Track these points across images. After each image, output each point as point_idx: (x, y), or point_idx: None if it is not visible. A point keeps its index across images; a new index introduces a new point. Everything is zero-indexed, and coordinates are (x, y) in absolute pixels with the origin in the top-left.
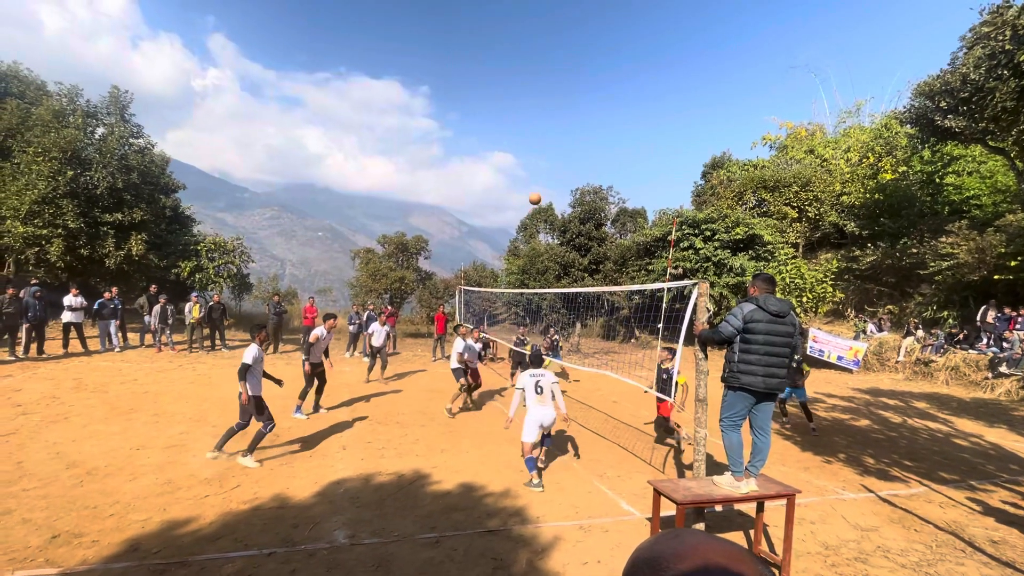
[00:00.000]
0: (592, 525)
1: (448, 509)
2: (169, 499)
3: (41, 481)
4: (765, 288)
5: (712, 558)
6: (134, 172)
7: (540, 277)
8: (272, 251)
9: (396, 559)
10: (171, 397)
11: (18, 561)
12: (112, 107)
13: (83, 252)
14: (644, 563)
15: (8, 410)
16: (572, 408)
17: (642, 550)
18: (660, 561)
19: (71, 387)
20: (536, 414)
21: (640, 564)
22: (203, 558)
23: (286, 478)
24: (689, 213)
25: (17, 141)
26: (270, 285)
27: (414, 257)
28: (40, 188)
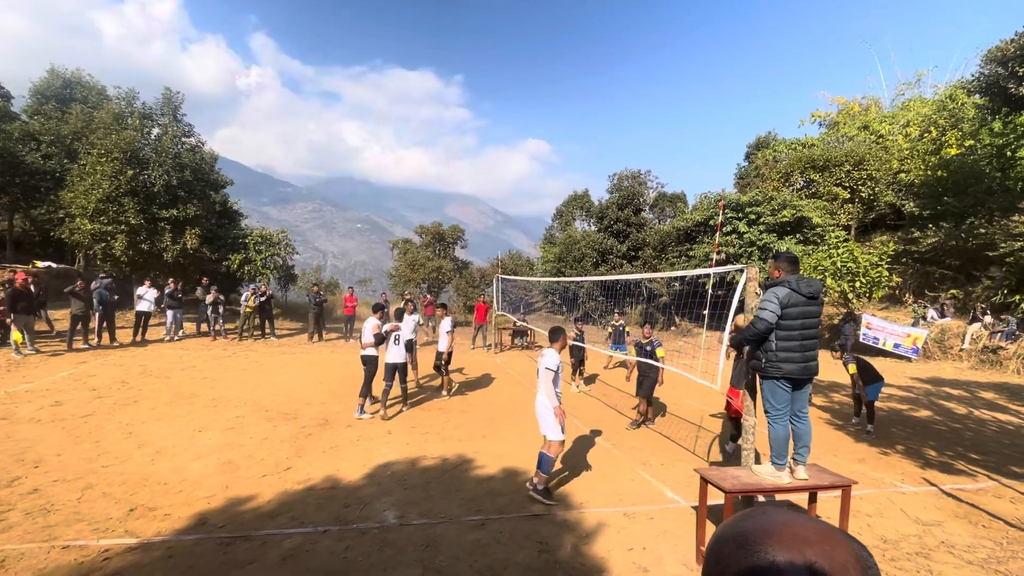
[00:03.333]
0: (636, 512)
1: (492, 493)
2: (230, 478)
3: (117, 459)
4: (791, 269)
5: (804, 536)
6: (187, 170)
7: (577, 265)
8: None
9: (444, 540)
10: (227, 383)
11: (101, 531)
12: (165, 108)
13: (144, 247)
14: (731, 539)
15: (85, 393)
16: (612, 396)
17: (728, 527)
18: (747, 537)
19: (139, 373)
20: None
21: (726, 540)
22: (264, 533)
23: (336, 460)
24: (732, 196)
25: (83, 143)
26: (313, 276)
27: (451, 247)
28: (104, 187)
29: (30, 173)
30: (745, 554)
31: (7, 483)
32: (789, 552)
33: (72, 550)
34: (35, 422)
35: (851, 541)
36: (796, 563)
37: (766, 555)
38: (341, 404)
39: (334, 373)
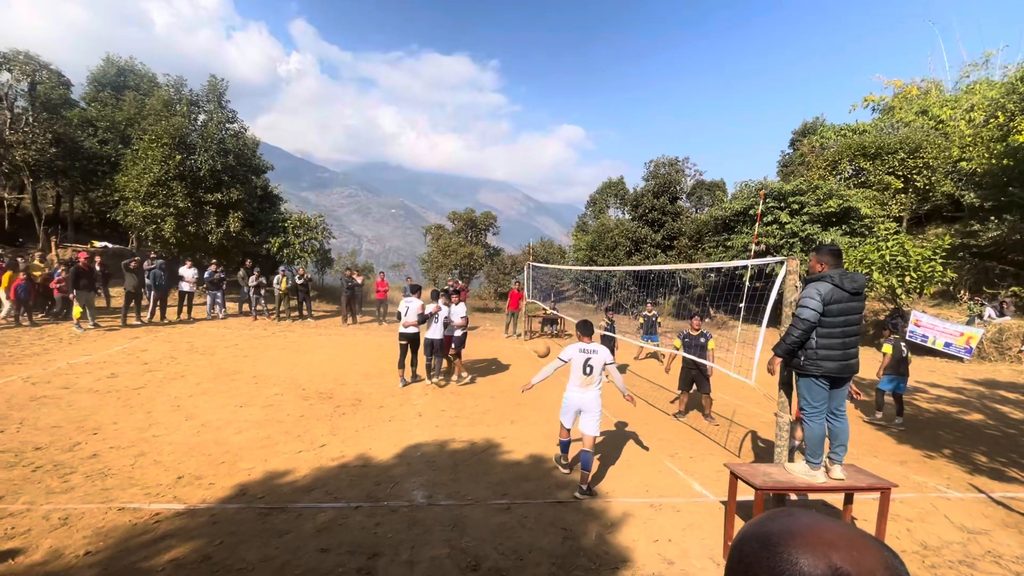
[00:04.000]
0: (663, 504)
1: (519, 478)
2: (269, 452)
3: (166, 429)
4: (833, 263)
5: (830, 539)
6: (230, 155)
7: (609, 253)
8: (350, 227)
9: (470, 521)
10: (267, 362)
11: (152, 496)
12: (211, 95)
13: (190, 229)
14: (754, 538)
15: (138, 367)
16: (641, 387)
17: (753, 526)
18: (772, 538)
19: (186, 349)
20: (575, 396)
21: (750, 539)
22: (300, 506)
23: (368, 440)
24: (774, 185)
25: (135, 129)
26: (348, 260)
27: (483, 233)
28: (155, 172)
29: (88, 158)
30: (768, 555)
31: (69, 447)
32: (813, 555)
33: (127, 512)
34: (93, 392)
35: (881, 548)
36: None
37: (789, 557)
38: (373, 386)
39: (367, 355)
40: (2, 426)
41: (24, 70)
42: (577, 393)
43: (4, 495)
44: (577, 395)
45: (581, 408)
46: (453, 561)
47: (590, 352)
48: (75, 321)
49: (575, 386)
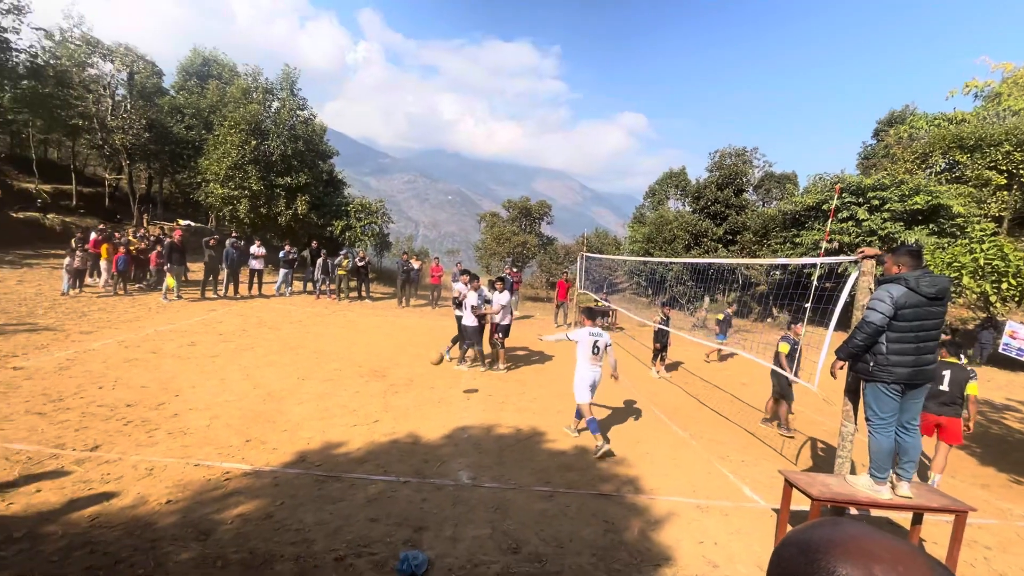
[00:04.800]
0: (710, 506)
1: (562, 468)
2: (326, 424)
3: (236, 396)
4: (912, 264)
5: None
6: (300, 141)
7: (667, 246)
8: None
9: (513, 505)
10: (327, 338)
11: (224, 455)
12: (284, 83)
13: (263, 210)
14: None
15: (213, 337)
16: (694, 384)
17: (796, 533)
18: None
19: (255, 323)
20: (588, 373)
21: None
22: (353, 476)
23: (418, 419)
24: (853, 178)
25: (217, 116)
26: (405, 245)
27: (537, 222)
28: (233, 156)
29: (176, 142)
30: (806, 561)
31: (155, 406)
32: (853, 566)
33: (202, 468)
34: (176, 358)
35: (934, 566)
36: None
37: (828, 565)
38: (425, 367)
39: (420, 338)
40: (100, 383)
41: (124, 61)
42: (590, 370)
43: (101, 444)
44: (590, 371)
45: (594, 381)
46: (495, 542)
47: (597, 335)
48: (163, 292)
49: (587, 363)
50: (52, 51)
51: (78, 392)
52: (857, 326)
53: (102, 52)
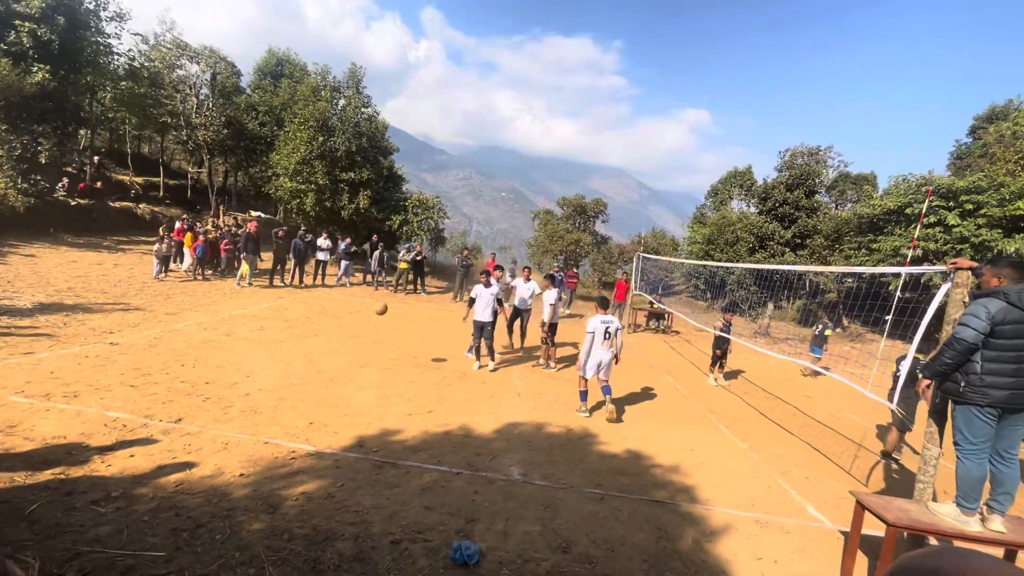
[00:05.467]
0: (770, 522)
1: (614, 471)
2: (384, 411)
3: (301, 379)
4: (1015, 277)
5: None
6: (364, 137)
7: (729, 248)
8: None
9: (563, 505)
10: (385, 329)
11: (290, 435)
12: (350, 81)
13: (327, 204)
14: (920, 572)
15: (280, 323)
16: (755, 395)
17: (919, 559)
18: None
19: (319, 311)
20: (597, 355)
21: (914, 572)
22: (408, 464)
23: (471, 413)
24: (943, 180)
25: (287, 113)
26: (459, 240)
27: (591, 220)
28: (301, 151)
29: (250, 138)
30: None
31: (229, 385)
32: None
33: (270, 446)
34: (247, 341)
35: None
36: None
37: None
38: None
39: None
40: (182, 361)
41: (208, 62)
42: (601, 352)
43: (184, 417)
44: (600, 354)
45: (601, 362)
46: (545, 540)
47: (608, 322)
48: (237, 279)
49: (599, 347)
50: (147, 54)
51: (164, 368)
52: (946, 342)
53: (190, 54)
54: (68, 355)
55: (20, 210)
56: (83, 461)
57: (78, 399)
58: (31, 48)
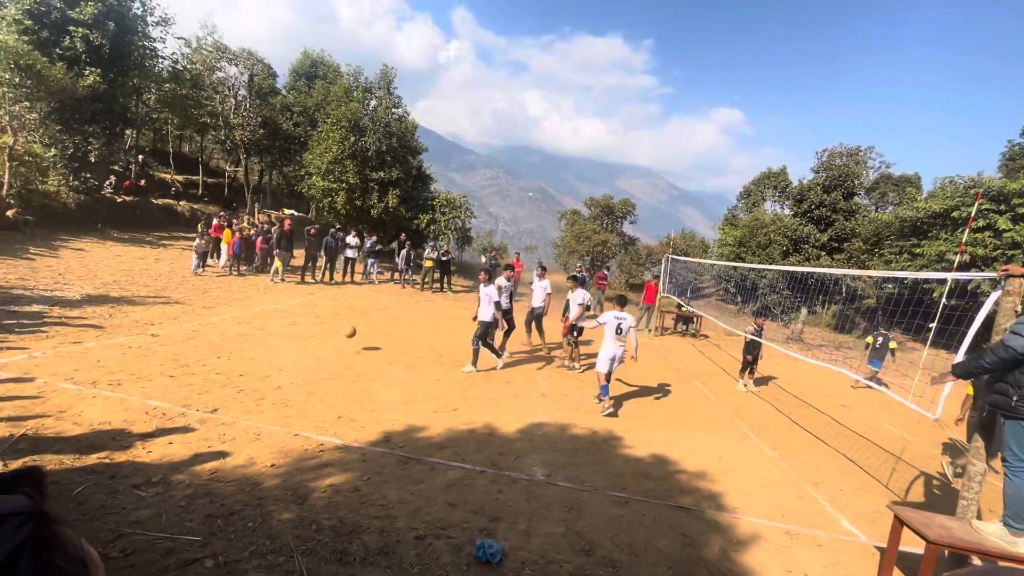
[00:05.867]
0: (801, 534)
1: (639, 475)
2: (409, 408)
3: (330, 374)
4: None
5: None
6: (394, 137)
7: (761, 251)
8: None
9: (587, 507)
10: (411, 327)
11: (319, 429)
12: (382, 82)
13: (357, 203)
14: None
15: (311, 318)
16: (786, 402)
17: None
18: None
19: (347, 308)
20: (610, 350)
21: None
22: (433, 460)
23: (494, 412)
24: (994, 182)
25: (321, 114)
26: (485, 240)
27: (619, 221)
28: (333, 151)
29: (285, 138)
30: None
31: (262, 378)
32: None
33: (300, 438)
34: (279, 335)
35: None
36: None
37: None
38: (506, 360)
39: (498, 332)
40: (218, 353)
41: (246, 64)
42: (613, 347)
43: (219, 408)
44: (613, 348)
45: (615, 356)
46: (568, 541)
47: (622, 318)
48: (270, 275)
49: (611, 342)
50: (189, 57)
51: (201, 360)
52: (990, 347)
53: (229, 57)
54: (113, 345)
55: (71, 206)
56: (126, 447)
57: (122, 387)
58: (84, 52)
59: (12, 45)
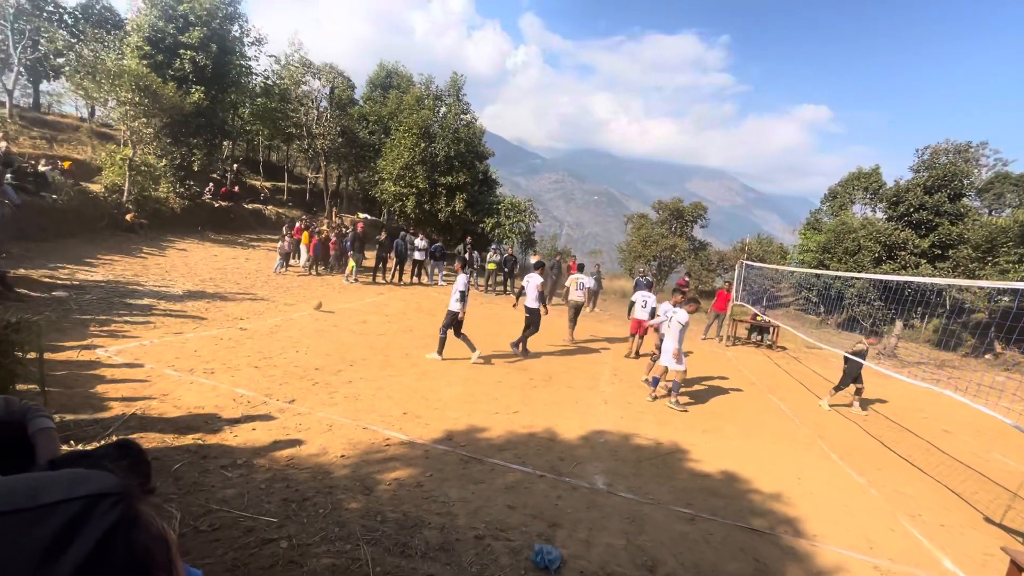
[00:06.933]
0: (893, 571)
1: (707, 491)
2: (471, 408)
3: (397, 371)
4: None
5: None
6: (462, 143)
7: (848, 258)
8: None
9: (650, 521)
10: (474, 328)
11: (386, 423)
12: (451, 89)
13: (426, 207)
14: None
15: (380, 318)
16: (878, 425)
17: None
18: None
19: (415, 308)
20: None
21: None
22: (493, 461)
23: (555, 416)
24: None
25: (394, 122)
26: (550, 243)
27: (689, 225)
28: (405, 157)
29: (361, 145)
30: None
31: (335, 372)
32: None
33: (368, 431)
34: (351, 332)
35: None
36: None
37: None
38: (564, 365)
39: (561, 335)
40: (297, 348)
41: (328, 78)
42: None
43: (296, 399)
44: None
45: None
46: (629, 555)
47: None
48: (345, 275)
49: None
50: (278, 72)
51: (282, 353)
52: None
53: (313, 71)
54: (208, 337)
55: (177, 211)
56: (216, 430)
57: (214, 376)
58: (191, 72)
59: (134, 69)
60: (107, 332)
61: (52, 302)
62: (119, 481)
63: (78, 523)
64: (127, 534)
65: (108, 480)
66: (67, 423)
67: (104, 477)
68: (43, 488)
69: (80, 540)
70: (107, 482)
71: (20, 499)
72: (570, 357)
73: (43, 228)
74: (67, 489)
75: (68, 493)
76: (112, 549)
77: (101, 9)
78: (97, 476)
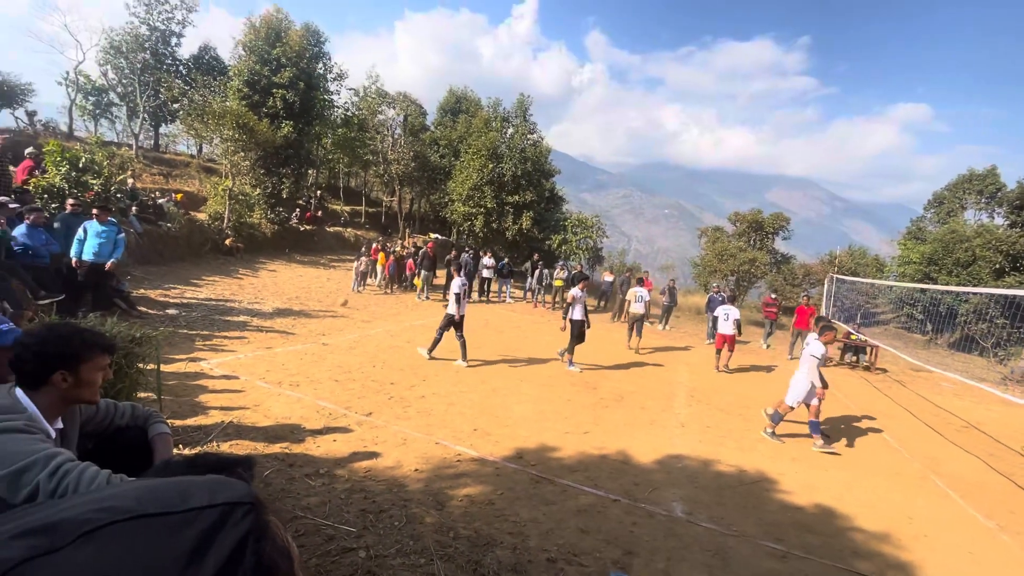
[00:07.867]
0: None
1: (799, 527)
2: (541, 427)
3: (468, 387)
4: None
5: None
6: (528, 162)
7: (961, 270)
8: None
9: (735, 555)
10: (541, 346)
11: (457, 439)
12: (518, 111)
13: (494, 226)
14: None
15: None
16: (1007, 461)
17: None
18: None
19: (482, 325)
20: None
21: None
22: (564, 483)
23: (628, 438)
24: None
25: (463, 145)
26: (618, 259)
27: (769, 237)
28: (474, 179)
29: (432, 169)
30: None
31: (409, 387)
32: None
33: (440, 447)
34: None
35: None
36: None
37: None
38: (635, 385)
39: (631, 354)
40: (374, 363)
41: (402, 107)
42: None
43: (373, 412)
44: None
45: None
46: None
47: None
48: (417, 293)
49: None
50: (356, 104)
51: (360, 367)
52: None
53: (388, 101)
54: (294, 351)
55: (268, 235)
56: (301, 440)
57: (299, 388)
58: (281, 109)
59: (235, 109)
60: (209, 346)
61: (166, 319)
62: (252, 490)
63: (216, 529)
64: (257, 545)
65: (243, 489)
66: (176, 428)
67: (239, 486)
68: (190, 492)
69: (216, 547)
70: (241, 491)
71: (172, 502)
72: (642, 377)
73: (159, 253)
74: (210, 495)
75: (210, 499)
76: (243, 559)
77: (210, 59)
78: (234, 484)
